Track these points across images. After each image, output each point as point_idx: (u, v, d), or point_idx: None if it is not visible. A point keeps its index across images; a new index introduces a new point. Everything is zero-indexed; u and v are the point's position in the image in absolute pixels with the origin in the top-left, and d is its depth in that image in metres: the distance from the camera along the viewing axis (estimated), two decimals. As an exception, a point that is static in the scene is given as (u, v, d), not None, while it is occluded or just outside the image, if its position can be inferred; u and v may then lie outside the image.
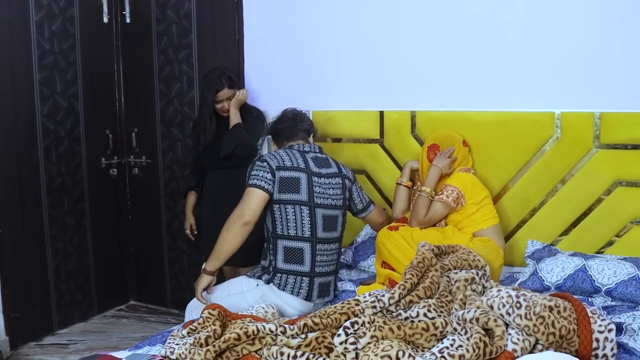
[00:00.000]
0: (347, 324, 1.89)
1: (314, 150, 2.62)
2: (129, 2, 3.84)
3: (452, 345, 1.81)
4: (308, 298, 2.47)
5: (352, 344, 1.85)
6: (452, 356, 1.76)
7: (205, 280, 2.48)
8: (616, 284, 2.40)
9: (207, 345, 1.91)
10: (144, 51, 3.84)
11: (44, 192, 3.56)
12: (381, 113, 3.17)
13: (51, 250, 3.62)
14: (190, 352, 1.86)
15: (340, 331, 1.88)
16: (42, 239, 3.57)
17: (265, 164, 2.47)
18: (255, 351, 1.93)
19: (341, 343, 1.86)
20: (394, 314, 2.08)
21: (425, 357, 1.79)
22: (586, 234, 2.79)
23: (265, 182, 2.43)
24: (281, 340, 1.92)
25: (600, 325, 1.89)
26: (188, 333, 2.05)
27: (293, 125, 2.69)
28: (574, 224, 2.82)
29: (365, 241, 3.14)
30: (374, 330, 1.85)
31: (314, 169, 2.53)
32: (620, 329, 2.11)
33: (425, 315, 2.04)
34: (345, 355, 1.85)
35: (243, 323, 2.04)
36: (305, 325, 1.95)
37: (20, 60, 3.38)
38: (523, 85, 2.89)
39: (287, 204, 2.45)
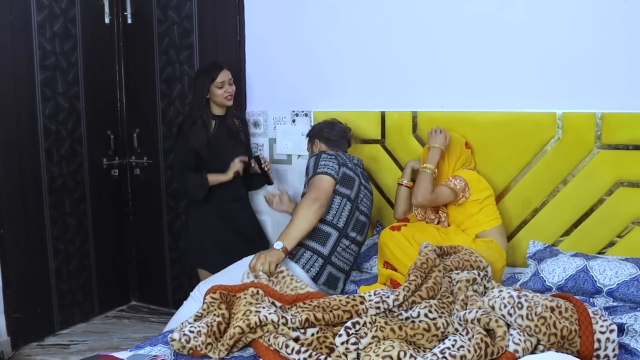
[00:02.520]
0: (349, 324, 1.89)
1: (360, 165, 2.85)
2: (131, 2, 3.84)
3: (453, 345, 1.81)
4: (315, 279, 2.53)
5: (353, 344, 1.86)
6: (454, 357, 1.76)
7: (280, 258, 2.42)
8: (618, 284, 2.40)
9: (219, 333, 2.00)
10: (145, 52, 3.85)
11: (46, 193, 3.56)
12: (382, 114, 3.17)
13: (52, 250, 3.62)
14: (206, 348, 1.96)
15: (342, 331, 1.88)
16: (44, 240, 3.57)
17: (333, 157, 2.67)
18: (260, 337, 1.98)
19: (342, 343, 1.86)
20: (395, 314, 2.08)
21: (427, 357, 1.78)
22: (587, 234, 2.79)
23: (334, 172, 2.62)
24: (282, 330, 1.95)
25: (601, 326, 1.89)
26: (195, 319, 2.08)
27: (343, 136, 2.94)
28: (576, 224, 2.82)
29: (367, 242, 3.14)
30: (376, 330, 1.86)
31: (362, 180, 2.76)
32: (621, 329, 2.11)
33: (426, 315, 2.04)
34: (346, 356, 1.86)
35: (246, 307, 2.06)
36: (307, 320, 1.97)
37: (22, 61, 3.39)
38: (524, 85, 2.89)
39: (337, 194, 2.63)
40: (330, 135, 2.90)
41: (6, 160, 3.33)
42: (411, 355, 1.78)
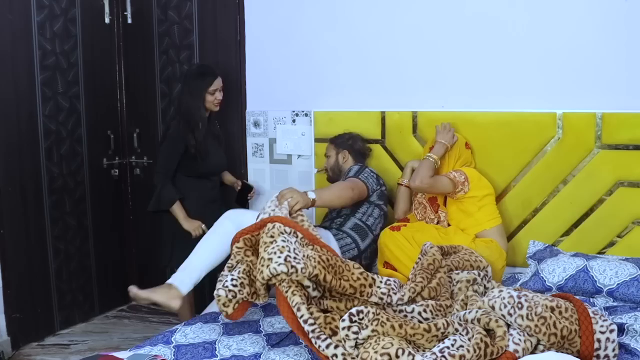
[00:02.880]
0: (354, 311, 1.91)
1: None
2: (131, 2, 3.84)
3: (452, 345, 1.81)
4: None
5: (354, 332, 1.88)
6: (453, 356, 1.76)
7: (307, 204, 2.51)
8: (618, 284, 2.40)
9: (255, 280, 2.15)
10: (145, 52, 3.85)
11: (46, 193, 3.56)
12: (382, 114, 3.17)
13: (53, 250, 3.62)
14: (252, 297, 2.16)
15: (345, 316, 1.91)
16: (44, 240, 3.57)
17: (374, 175, 2.96)
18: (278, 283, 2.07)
19: (343, 329, 1.89)
20: (393, 307, 2.10)
21: (426, 356, 1.79)
22: (588, 234, 2.79)
23: (372, 187, 2.88)
24: (297, 276, 2.01)
25: (601, 326, 1.89)
26: (228, 270, 2.22)
27: (365, 153, 3.15)
28: (576, 224, 2.82)
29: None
30: (376, 324, 1.87)
31: None
32: (621, 329, 2.11)
33: (419, 314, 2.05)
34: (345, 342, 1.89)
35: (261, 251, 2.13)
36: (316, 276, 2.03)
37: (22, 61, 3.38)
38: (524, 85, 2.89)
39: (377, 207, 2.89)
40: (358, 149, 3.08)
41: (6, 160, 3.33)
42: (409, 353, 1.78)
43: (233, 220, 2.55)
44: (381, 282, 2.15)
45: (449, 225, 2.81)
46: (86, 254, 3.84)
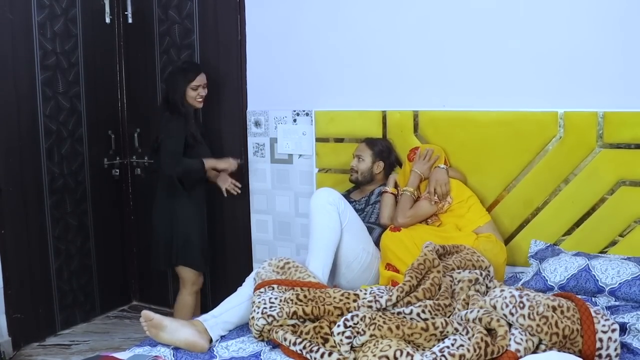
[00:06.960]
0: (348, 316, 1.93)
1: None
2: (131, 2, 3.84)
3: (453, 344, 1.81)
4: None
5: (347, 337, 1.89)
6: (453, 355, 1.76)
7: None
8: (620, 283, 2.39)
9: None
10: (146, 51, 3.85)
11: (47, 193, 3.56)
12: (384, 113, 3.17)
13: (54, 250, 3.62)
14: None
15: (340, 322, 1.93)
16: (45, 240, 3.57)
17: None
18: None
19: (338, 334, 1.91)
20: (390, 310, 2.10)
21: (426, 355, 1.78)
22: (589, 233, 2.78)
23: None
24: (278, 322, 2.06)
25: (603, 325, 1.88)
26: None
27: (395, 165, 3.13)
28: (577, 223, 2.81)
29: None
30: (374, 329, 1.87)
31: None
32: (624, 329, 2.11)
33: (418, 315, 2.04)
34: (340, 347, 1.90)
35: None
36: (295, 313, 2.07)
37: (23, 61, 3.39)
38: (526, 84, 2.88)
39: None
40: (392, 162, 3.07)
41: (7, 160, 3.33)
42: (408, 354, 1.78)
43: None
44: (365, 292, 2.19)
45: (440, 224, 2.84)
46: (87, 253, 3.84)
